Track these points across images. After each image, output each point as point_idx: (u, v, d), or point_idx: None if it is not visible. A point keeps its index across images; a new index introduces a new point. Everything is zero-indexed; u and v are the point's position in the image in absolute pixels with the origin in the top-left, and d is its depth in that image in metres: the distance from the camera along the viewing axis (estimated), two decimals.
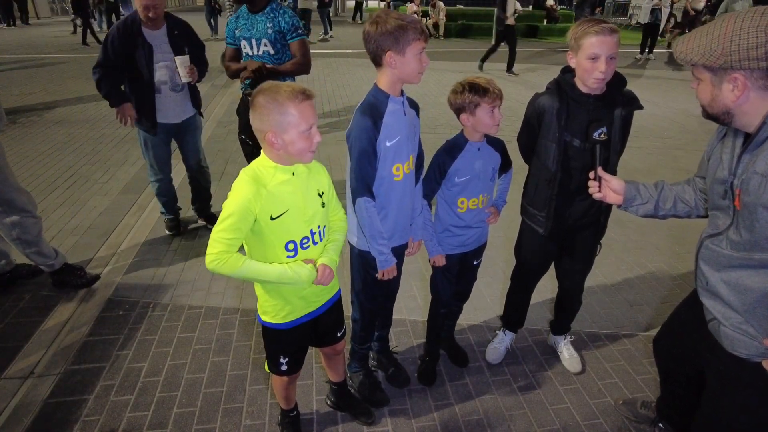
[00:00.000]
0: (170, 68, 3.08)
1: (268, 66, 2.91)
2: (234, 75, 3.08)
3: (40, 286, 2.93)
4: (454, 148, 1.96)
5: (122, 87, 3.09)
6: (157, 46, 3.02)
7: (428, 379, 2.31)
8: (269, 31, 2.89)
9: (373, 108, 1.71)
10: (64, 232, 3.52)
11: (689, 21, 14.12)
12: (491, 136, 2.00)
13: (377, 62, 1.69)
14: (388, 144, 1.73)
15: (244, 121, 3.19)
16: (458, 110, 1.90)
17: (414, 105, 1.89)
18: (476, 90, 1.82)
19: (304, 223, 1.55)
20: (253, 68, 2.89)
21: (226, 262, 1.42)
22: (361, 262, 1.94)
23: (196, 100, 3.30)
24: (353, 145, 1.72)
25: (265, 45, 2.93)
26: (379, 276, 1.88)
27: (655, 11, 11.32)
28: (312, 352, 2.38)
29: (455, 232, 2.08)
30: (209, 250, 1.42)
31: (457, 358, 2.45)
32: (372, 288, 1.99)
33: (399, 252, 1.96)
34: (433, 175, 1.99)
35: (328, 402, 2.15)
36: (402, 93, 1.78)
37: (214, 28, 14.15)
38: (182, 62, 3.01)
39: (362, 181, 1.73)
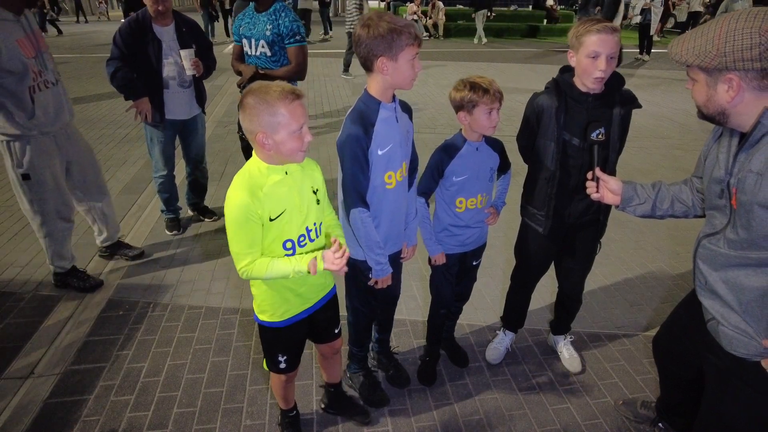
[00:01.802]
0: (178, 64, 3.13)
1: (260, 71, 2.92)
2: (240, 74, 3.11)
3: (41, 286, 2.93)
4: (451, 147, 1.96)
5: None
6: (166, 42, 3.07)
7: (428, 379, 2.31)
8: (267, 33, 2.89)
9: (364, 116, 1.66)
10: None
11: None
12: (489, 136, 2.00)
13: (368, 67, 1.64)
14: (380, 153, 1.69)
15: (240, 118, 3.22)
16: (457, 108, 1.90)
17: (407, 108, 1.85)
18: (476, 89, 1.82)
19: (301, 222, 1.55)
20: (248, 76, 2.92)
21: (253, 270, 1.49)
22: (353, 270, 1.91)
23: (201, 97, 3.34)
24: (344, 155, 1.67)
25: (263, 46, 2.94)
26: (371, 283, 1.87)
27: (644, 11, 11.34)
28: (312, 352, 2.39)
29: (454, 232, 2.08)
30: (237, 265, 1.49)
31: (457, 358, 2.45)
32: (365, 294, 1.97)
33: (394, 259, 1.94)
34: (431, 173, 1.98)
35: (323, 405, 2.14)
36: (394, 98, 1.74)
37: (211, 33, 13.94)
38: (187, 55, 3.05)
39: (355, 191, 1.69)
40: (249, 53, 3.01)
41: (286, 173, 1.50)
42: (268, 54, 2.95)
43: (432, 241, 2.08)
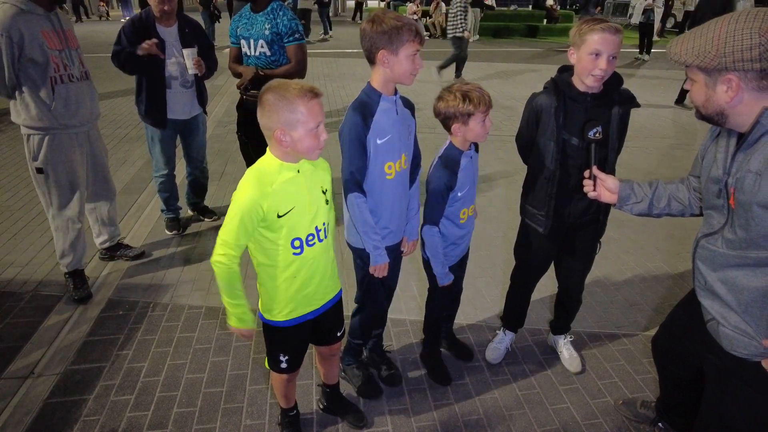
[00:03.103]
0: (180, 64, 3.14)
1: (260, 72, 2.93)
2: (237, 76, 3.11)
3: (40, 286, 2.93)
4: (453, 164, 1.92)
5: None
6: (170, 42, 3.09)
7: (446, 378, 2.30)
8: (266, 32, 2.89)
9: (365, 105, 1.74)
10: None
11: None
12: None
13: (371, 60, 1.72)
14: (378, 142, 1.75)
15: (241, 119, 3.22)
16: (448, 119, 1.86)
17: (409, 105, 1.90)
18: (470, 99, 1.79)
19: (309, 221, 1.56)
20: (249, 77, 2.94)
21: (224, 274, 1.52)
22: (360, 259, 1.96)
23: (202, 97, 3.35)
24: (344, 141, 1.74)
25: (262, 46, 2.93)
26: (371, 271, 1.89)
27: (647, 11, 11.34)
28: (311, 352, 2.38)
29: (458, 243, 2.09)
30: (216, 250, 1.50)
31: (461, 352, 2.46)
32: (373, 281, 1.97)
33: (393, 250, 1.96)
34: (441, 198, 1.93)
35: (321, 405, 2.15)
36: (395, 92, 1.80)
37: (211, 35, 13.37)
38: (189, 54, 3.05)
39: (352, 176, 1.75)
40: (248, 54, 3.00)
41: (298, 171, 1.52)
42: (268, 54, 2.94)
43: (444, 271, 2.05)
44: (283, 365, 1.76)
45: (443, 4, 15.64)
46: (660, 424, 2.03)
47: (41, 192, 2.71)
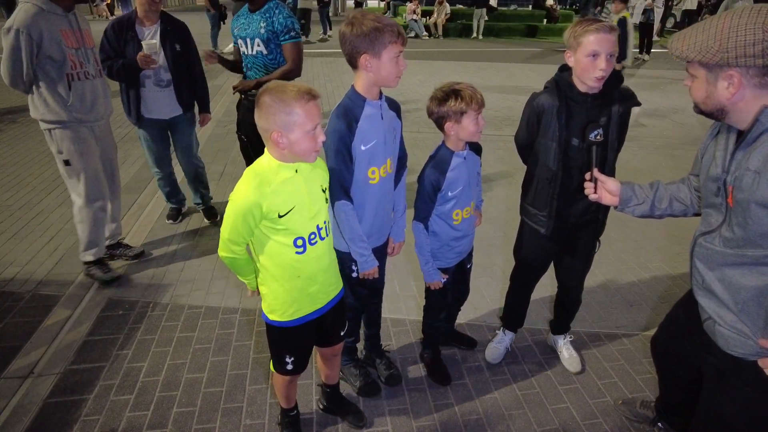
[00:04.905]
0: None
1: (254, 83, 2.97)
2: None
3: (40, 286, 2.93)
4: (443, 163, 1.92)
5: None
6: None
7: (445, 378, 2.31)
8: (262, 30, 2.90)
9: (349, 111, 1.70)
10: (63, 231, 3.52)
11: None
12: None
13: (353, 64, 1.68)
14: (363, 148, 1.72)
15: (241, 117, 3.23)
16: (441, 119, 1.86)
17: (394, 106, 1.86)
18: (462, 97, 1.79)
19: (310, 219, 1.56)
20: (249, 87, 2.99)
21: (233, 264, 1.62)
22: (339, 262, 1.89)
23: (181, 98, 3.26)
24: (329, 148, 1.70)
25: (258, 45, 2.94)
26: (361, 276, 1.89)
27: (647, 11, 11.33)
28: (313, 352, 2.39)
29: (453, 246, 2.08)
30: (221, 246, 1.57)
31: (465, 342, 2.50)
32: (351, 284, 1.96)
33: (378, 251, 1.95)
34: (428, 197, 1.94)
35: (320, 405, 2.15)
36: (380, 96, 1.76)
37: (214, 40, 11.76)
38: (148, 47, 2.99)
39: (339, 184, 1.72)
40: (246, 53, 3.01)
41: (296, 171, 1.52)
42: (265, 52, 2.95)
43: (431, 268, 2.05)
44: (289, 366, 1.76)
45: (447, 5, 15.60)
46: (659, 423, 2.03)
47: (70, 185, 2.79)
